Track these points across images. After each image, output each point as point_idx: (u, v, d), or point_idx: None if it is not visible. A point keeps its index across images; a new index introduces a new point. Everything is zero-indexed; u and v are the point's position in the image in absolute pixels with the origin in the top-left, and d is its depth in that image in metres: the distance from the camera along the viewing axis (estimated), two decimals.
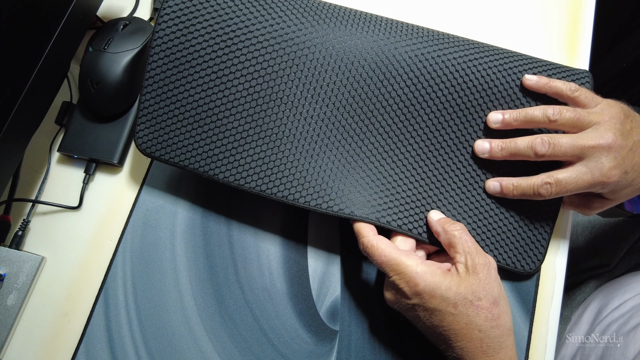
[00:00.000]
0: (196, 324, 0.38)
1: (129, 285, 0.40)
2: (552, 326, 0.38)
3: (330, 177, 0.36)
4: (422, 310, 0.31)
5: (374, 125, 0.37)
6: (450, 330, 0.31)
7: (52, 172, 0.43)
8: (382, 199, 0.36)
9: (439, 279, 0.31)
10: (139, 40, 0.42)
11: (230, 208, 0.42)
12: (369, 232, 0.34)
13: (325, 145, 0.36)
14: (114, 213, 0.42)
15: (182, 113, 0.38)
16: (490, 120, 0.37)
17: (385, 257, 0.32)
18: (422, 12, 0.47)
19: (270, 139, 0.37)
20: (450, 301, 0.30)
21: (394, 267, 0.32)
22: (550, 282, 0.39)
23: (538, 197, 0.35)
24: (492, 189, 0.37)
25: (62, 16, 0.37)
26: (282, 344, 0.38)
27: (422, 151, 0.37)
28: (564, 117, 0.34)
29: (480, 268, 0.31)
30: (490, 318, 0.30)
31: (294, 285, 0.40)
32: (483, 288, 0.31)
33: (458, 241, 0.33)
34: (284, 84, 0.36)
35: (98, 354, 0.38)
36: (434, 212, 0.36)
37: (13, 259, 0.39)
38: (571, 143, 0.33)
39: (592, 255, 0.57)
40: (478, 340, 0.30)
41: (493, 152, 0.36)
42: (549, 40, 0.46)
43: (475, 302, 0.30)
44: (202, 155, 0.37)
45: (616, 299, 0.49)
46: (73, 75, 0.45)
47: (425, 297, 0.31)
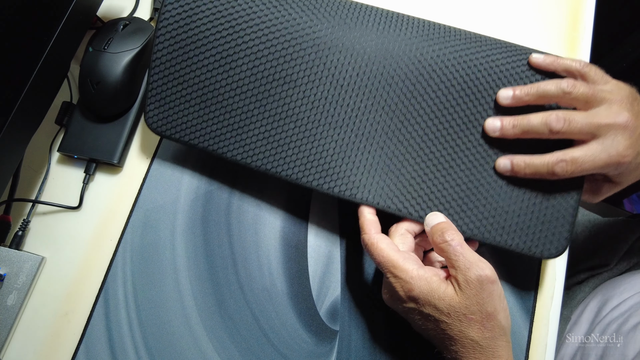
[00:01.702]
0: (196, 324, 0.39)
1: (129, 285, 0.40)
2: (552, 326, 0.38)
3: (333, 158, 0.36)
4: (418, 314, 0.32)
5: (379, 104, 0.36)
6: (445, 335, 0.31)
7: (52, 172, 0.43)
8: (385, 182, 0.36)
9: (433, 287, 0.30)
10: (139, 40, 0.42)
11: (231, 208, 0.42)
12: (371, 228, 0.34)
13: (329, 124, 0.36)
14: (114, 213, 0.42)
15: (190, 93, 0.38)
16: (500, 97, 0.35)
17: (383, 257, 0.32)
18: (421, 12, 0.47)
19: (275, 118, 0.37)
20: (444, 311, 0.30)
21: (391, 269, 0.32)
22: (550, 282, 0.39)
23: (552, 176, 0.33)
24: (503, 167, 0.35)
25: (62, 16, 0.37)
26: (282, 344, 0.38)
27: (430, 130, 0.36)
28: (578, 90, 0.32)
29: (472, 284, 0.30)
30: (483, 330, 0.30)
31: (294, 285, 0.40)
32: (476, 303, 0.29)
33: (449, 255, 0.31)
34: (287, 64, 0.36)
35: (98, 354, 0.38)
36: (430, 216, 0.35)
37: (13, 259, 0.39)
38: (587, 120, 0.32)
39: (592, 255, 0.57)
40: (471, 347, 0.30)
41: (504, 129, 0.34)
42: (549, 40, 0.46)
43: (469, 315, 0.30)
44: (211, 134, 0.38)
45: (615, 298, 0.49)
46: (73, 75, 0.45)
47: (420, 302, 0.31)
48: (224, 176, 0.42)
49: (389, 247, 0.32)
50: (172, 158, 0.43)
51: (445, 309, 0.30)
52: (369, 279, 0.40)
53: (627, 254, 0.56)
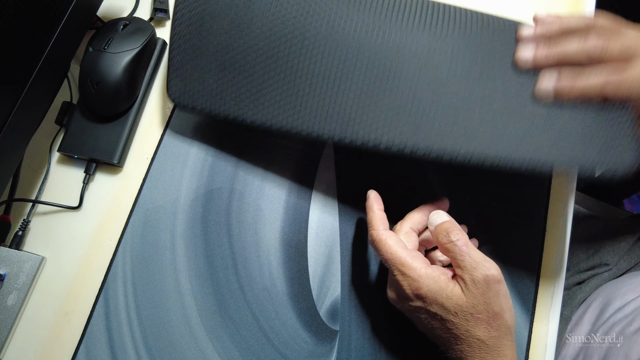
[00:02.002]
0: (196, 324, 0.39)
1: (129, 285, 0.40)
2: (552, 326, 0.38)
3: (353, 109, 0.35)
4: (424, 312, 0.31)
5: (397, 51, 0.35)
6: (450, 335, 0.31)
7: (52, 172, 0.43)
8: (414, 123, 0.34)
9: (441, 286, 0.30)
10: (139, 40, 0.42)
11: (231, 208, 0.42)
12: (380, 225, 0.34)
13: (346, 76, 0.36)
14: (114, 213, 0.42)
15: (208, 62, 0.39)
16: (519, 59, 0.33)
17: (391, 254, 0.32)
18: None
19: (291, 78, 0.37)
20: (451, 310, 0.30)
21: (399, 267, 0.32)
22: (550, 282, 0.39)
23: (600, 97, 0.32)
24: (544, 92, 0.32)
25: (62, 16, 0.37)
26: (282, 344, 0.38)
27: (458, 67, 0.34)
28: (610, 48, 0.32)
29: (479, 284, 0.30)
30: (489, 329, 0.30)
31: (294, 285, 0.40)
32: (483, 302, 0.30)
33: (455, 255, 0.31)
34: (299, 22, 0.36)
35: (98, 353, 0.38)
36: (433, 214, 0.34)
37: (13, 259, 0.39)
38: (624, 42, 0.31)
39: (592, 255, 0.57)
40: (477, 346, 0.30)
41: (537, 59, 0.32)
42: None
43: (475, 314, 0.30)
44: (229, 102, 0.38)
45: (618, 300, 0.49)
46: (73, 75, 0.45)
47: (427, 301, 0.31)
48: (224, 176, 0.42)
49: (397, 245, 0.32)
50: (172, 158, 0.43)
51: (452, 308, 0.30)
52: (369, 279, 0.40)
53: (627, 253, 0.56)
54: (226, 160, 0.43)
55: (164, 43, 0.46)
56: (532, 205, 0.41)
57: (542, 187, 0.41)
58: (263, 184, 0.42)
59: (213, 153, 0.43)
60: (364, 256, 0.40)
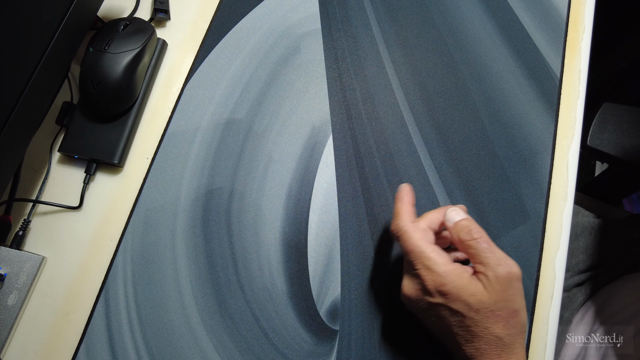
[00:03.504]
0: (196, 324, 0.39)
1: (130, 285, 0.40)
2: (552, 326, 0.38)
3: None
4: (444, 309, 0.31)
5: None
6: (468, 332, 0.31)
7: (53, 172, 0.43)
8: None
9: (465, 282, 0.30)
10: (139, 41, 0.42)
11: (231, 208, 0.42)
12: (407, 216, 0.34)
13: None
14: (115, 213, 0.42)
15: None
16: None
17: (417, 247, 0.32)
18: None
19: None
20: (473, 307, 0.30)
21: (424, 261, 0.31)
22: (550, 282, 0.39)
23: None
24: None
25: (63, 16, 0.37)
26: (282, 344, 0.38)
27: None
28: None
29: (502, 281, 0.30)
30: (508, 327, 0.30)
31: (294, 285, 0.40)
32: (504, 299, 0.30)
33: (476, 252, 0.31)
34: None
35: (98, 353, 0.38)
36: (451, 211, 0.34)
37: (14, 259, 0.39)
38: None
39: (592, 255, 0.57)
40: (494, 343, 0.30)
41: None
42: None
43: (496, 311, 0.30)
44: None
45: (616, 303, 0.49)
46: (74, 76, 0.45)
47: (450, 298, 0.31)
48: (224, 176, 0.42)
49: (423, 239, 0.32)
50: (172, 158, 0.43)
51: (475, 305, 0.30)
52: (369, 279, 0.40)
53: (627, 254, 0.56)
54: (226, 160, 0.43)
55: (164, 43, 0.46)
56: (532, 205, 0.41)
57: (542, 187, 0.41)
58: (263, 184, 0.42)
59: (213, 153, 0.43)
60: (364, 256, 0.40)
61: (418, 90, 0.45)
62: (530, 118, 0.43)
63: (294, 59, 0.46)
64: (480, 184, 0.41)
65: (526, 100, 0.44)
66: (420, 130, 0.43)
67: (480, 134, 0.43)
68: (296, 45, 0.47)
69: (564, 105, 0.44)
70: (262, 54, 0.47)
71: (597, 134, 0.62)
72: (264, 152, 0.43)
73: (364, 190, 0.42)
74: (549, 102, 0.43)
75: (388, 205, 0.41)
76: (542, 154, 0.42)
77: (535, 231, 0.40)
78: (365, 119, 0.44)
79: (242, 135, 0.44)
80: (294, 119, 0.44)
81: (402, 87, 0.45)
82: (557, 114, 0.43)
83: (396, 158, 0.43)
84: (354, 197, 0.42)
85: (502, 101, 0.44)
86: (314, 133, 0.44)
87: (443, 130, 0.43)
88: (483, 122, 0.43)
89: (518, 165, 0.42)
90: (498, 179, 0.42)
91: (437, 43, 0.46)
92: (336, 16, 0.48)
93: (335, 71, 0.46)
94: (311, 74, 0.46)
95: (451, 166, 0.42)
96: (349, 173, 0.42)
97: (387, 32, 0.47)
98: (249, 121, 0.44)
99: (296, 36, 0.47)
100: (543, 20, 0.47)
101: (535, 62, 0.45)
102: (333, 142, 0.43)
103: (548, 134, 0.43)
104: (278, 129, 0.44)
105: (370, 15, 0.48)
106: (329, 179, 0.42)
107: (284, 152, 0.43)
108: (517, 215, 0.41)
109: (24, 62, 0.35)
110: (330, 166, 0.43)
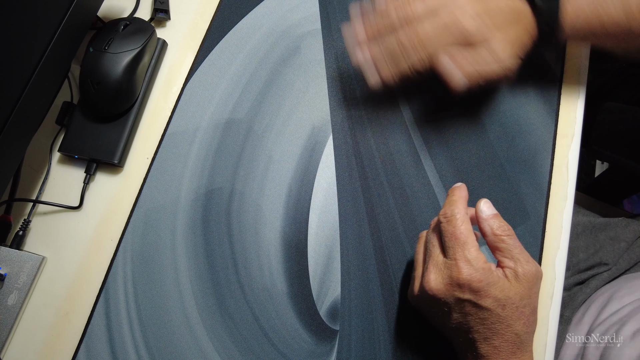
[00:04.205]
0: (196, 324, 0.39)
1: (130, 285, 0.40)
2: (552, 326, 0.38)
3: None
4: (471, 306, 0.31)
5: None
6: (489, 329, 0.31)
7: (53, 172, 0.43)
8: None
9: (495, 278, 0.31)
10: (139, 41, 0.42)
11: (231, 208, 0.42)
12: (462, 206, 0.33)
13: None
14: (115, 213, 0.42)
15: None
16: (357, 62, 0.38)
17: (464, 236, 0.32)
18: None
19: None
20: (501, 302, 0.30)
21: (465, 252, 0.31)
22: (550, 282, 0.39)
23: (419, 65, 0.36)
24: (374, 85, 0.37)
25: (63, 16, 0.37)
26: (283, 344, 0.38)
27: None
28: None
29: (529, 278, 0.31)
30: (527, 324, 0.31)
31: (294, 285, 0.40)
32: (528, 296, 0.31)
33: (508, 247, 0.32)
34: None
35: (99, 353, 0.38)
36: (484, 205, 0.33)
37: (14, 259, 0.39)
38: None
39: (592, 255, 0.57)
40: (512, 341, 0.31)
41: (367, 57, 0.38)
42: None
43: (521, 308, 0.31)
44: None
45: (615, 302, 0.49)
46: (74, 76, 0.45)
47: (481, 294, 0.31)
48: (224, 176, 0.42)
49: (471, 231, 0.32)
50: (172, 158, 0.43)
51: (502, 301, 0.30)
52: (369, 279, 0.40)
53: (627, 254, 0.56)
54: (226, 160, 0.43)
55: (164, 43, 0.46)
56: (532, 205, 0.41)
57: (542, 187, 0.41)
58: (263, 184, 0.42)
59: (213, 153, 0.43)
60: (364, 256, 0.40)
61: (418, 90, 0.45)
62: (530, 118, 0.43)
63: (294, 59, 0.46)
64: (480, 184, 0.41)
65: (526, 100, 0.44)
66: (420, 130, 0.43)
67: (480, 133, 0.43)
68: (296, 45, 0.47)
69: (564, 105, 0.43)
70: (262, 54, 0.47)
71: (598, 133, 0.62)
72: (264, 152, 0.43)
73: (364, 190, 0.42)
74: (549, 102, 0.43)
75: (388, 205, 0.41)
76: (542, 154, 0.42)
77: (535, 231, 0.40)
78: (365, 119, 0.44)
79: (242, 135, 0.44)
80: (294, 119, 0.44)
81: (402, 87, 0.45)
82: (557, 114, 0.43)
83: (396, 158, 0.43)
84: (354, 197, 0.42)
85: (502, 101, 0.44)
86: (314, 133, 0.44)
87: (443, 130, 0.43)
88: (483, 122, 0.43)
89: (518, 165, 0.42)
90: (498, 179, 0.42)
91: None
92: (336, 16, 0.48)
93: (335, 71, 0.46)
94: (311, 74, 0.46)
95: (451, 166, 0.42)
96: (349, 173, 0.42)
97: None
98: (249, 121, 0.44)
99: (296, 36, 0.47)
100: None
101: (536, 62, 0.45)
102: (333, 142, 0.43)
103: (548, 134, 0.43)
104: (278, 129, 0.44)
105: None
106: (329, 179, 0.42)
107: (284, 152, 0.43)
108: (517, 215, 0.40)
109: (24, 62, 0.35)
110: (330, 166, 0.43)
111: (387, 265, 0.40)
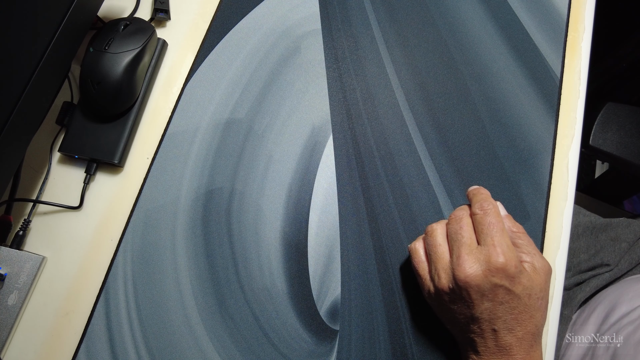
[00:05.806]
0: (197, 324, 0.39)
1: (130, 285, 0.40)
2: (552, 326, 0.38)
3: None
4: (505, 293, 0.31)
5: None
6: (516, 319, 0.31)
7: (53, 172, 0.43)
8: None
9: (522, 268, 0.32)
10: (139, 41, 0.42)
11: (231, 208, 0.42)
12: (492, 198, 0.35)
13: None
14: (115, 213, 0.42)
15: None
16: None
17: (502, 225, 0.33)
18: None
19: None
20: (527, 291, 0.31)
21: (503, 240, 0.32)
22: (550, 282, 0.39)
23: None
24: None
25: (63, 16, 0.37)
26: (283, 344, 0.38)
27: None
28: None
29: (545, 271, 0.33)
30: (543, 317, 0.33)
31: (294, 285, 0.40)
32: (545, 289, 0.32)
33: (524, 243, 0.34)
34: None
35: (99, 353, 0.38)
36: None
37: (14, 259, 0.39)
38: None
39: (593, 255, 0.57)
40: (532, 332, 0.32)
41: None
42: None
43: (540, 299, 0.32)
44: None
45: (625, 305, 0.49)
46: (74, 76, 0.45)
47: (515, 280, 0.31)
48: (224, 176, 0.42)
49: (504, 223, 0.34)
50: (172, 158, 0.43)
51: (529, 289, 0.31)
52: (369, 279, 0.40)
53: (628, 254, 0.56)
54: (226, 160, 0.43)
55: (165, 43, 0.46)
56: (532, 205, 0.41)
57: (542, 187, 0.41)
58: (263, 184, 0.42)
59: (213, 153, 0.43)
60: (364, 256, 0.40)
61: (418, 90, 0.45)
62: (530, 118, 0.43)
63: (294, 59, 0.46)
64: (480, 184, 0.41)
65: (526, 100, 0.44)
66: (420, 130, 0.43)
67: (480, 134, 0.43)
68: (296, 45, 0.47)
69: (564, 105, 0.44)
70: (262, 54, 0.47)
71: (599, 133, 0.62)
72: (264, 152, 0.43)
73: (364, 190, 0.42)
74: (549, 102, 0.43)
75: (388, 205, 0.41)
76: (542, 154, 0.42)
77: (535, 231, 0.40)
78: (366, 119, 0.44)
79: (242, 135, 0.44)
80: (294, 119, 0.44)
81: (402, 87, 0.45)
82: (557, 114, 0.43)
83: (396, 158, 0.43)
84: (354, 197, 0.42)
85: (502, 101, 0.44)
86: (314, 133, 0.44)
87: (443, 130, 0.43)
88: (483, 122, 0.43)
89: (518, 165, 0.42)
90: (498, 179, 0.42)
91: (438, 43, 0.46)
92: (336, 16, 0.48)
93: (335, 71, 0.46)
94: (311, 74, 0.46)
95: (451, 166, 0.42)
96: (349, 173, 0.42)
97: (387, 32, 0.47)
98: (249, 121, 0.44)
99: (296, 36, 0.47)
100: (543, 20, 0.46)
101: (536, 62, 0.45)
102: (333, 142, 0.43)
103: (548, 134, 0.43)
104: (278, 129, 0.44)
105: (370, 15, 0.48)
106: (329, 179, 0.42)
107: (284, 152, 0.43)
108: (517, 215, 0.40)
109: (24, 62, 0.35)
110: (330, 166, 0.43)
111: (387, 265, 0.40)
